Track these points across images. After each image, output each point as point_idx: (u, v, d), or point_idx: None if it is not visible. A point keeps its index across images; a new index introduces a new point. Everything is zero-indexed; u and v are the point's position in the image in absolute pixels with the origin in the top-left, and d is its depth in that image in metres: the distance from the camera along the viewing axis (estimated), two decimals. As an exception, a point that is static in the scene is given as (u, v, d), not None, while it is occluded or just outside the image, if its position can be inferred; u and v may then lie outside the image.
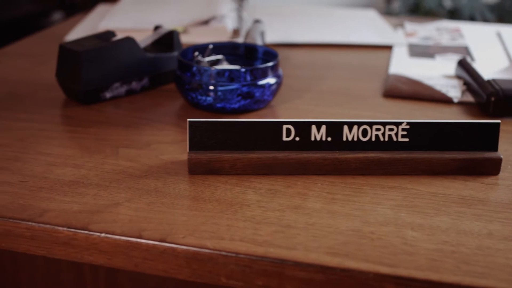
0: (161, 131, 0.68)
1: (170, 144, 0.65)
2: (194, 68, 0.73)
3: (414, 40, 1.10)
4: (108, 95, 0.75)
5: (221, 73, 0.71)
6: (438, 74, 0.89)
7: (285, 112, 0.76)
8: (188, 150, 0.58)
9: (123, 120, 0.71)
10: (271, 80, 0.74)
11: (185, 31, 1.02)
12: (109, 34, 0.79)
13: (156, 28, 0.84)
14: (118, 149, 0.63)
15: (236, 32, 1.04)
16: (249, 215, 0.52)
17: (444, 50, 1.03)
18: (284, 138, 0.59)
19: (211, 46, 0.78)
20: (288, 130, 0.59)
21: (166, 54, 0.80)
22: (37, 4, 1.94)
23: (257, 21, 0.96)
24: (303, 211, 0.53)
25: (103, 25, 1.03)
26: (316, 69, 0.93)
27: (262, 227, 0.50)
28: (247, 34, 0.91)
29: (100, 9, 1.24)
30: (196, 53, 0.76)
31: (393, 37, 1.09)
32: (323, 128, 0.59)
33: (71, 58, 0.72)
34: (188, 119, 0.57)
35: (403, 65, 0.94)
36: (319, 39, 1.05)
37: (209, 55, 0.78)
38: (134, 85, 0.78)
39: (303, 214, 0.52)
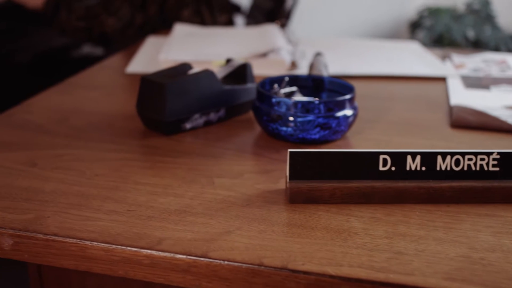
0: (248, 161, 0.70)
1: (261, 174, 0.66)
2: (274, 100, 0.75)
3: (464, 71, 1.12)
4: (188, 125, 0.77)
5: (302, 104, 0.73)
6: (499, 105, 0.91)
7: (362, 142, 0.77)
8: (288, 179, 0.60)
9: (207, 150, 0.73)
10: (348, 112, 0.76)
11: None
12: (186, 66, 0.81)
13: (228, 61, 0.86)
14: (212, 178, 0.65)
15: (293, 65, 1.06)
16: (360, 242, 0.53)
17: (497, 81, 1.05)
18: (381, 168, 0.60)
19: (287, 79, 0.80)
20: (385, 160, 0.60)
21: (241, 86, 0.82)
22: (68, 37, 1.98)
23: (318, 54, 0.98)
24: (410, 238, 0.54)
25: (163, 57, 1.06)
26: (379, 100, 0.94)
27: (375, 254, 0.51)
28: (312, 66, 0.93)
29: (151, 41, 1.26)
30: (276, 85, 0.78)
31: (445, 69, 1.11)
32: (418, 158, 0.61)
33: (155, 90, 0.74)
34: (289, 150, 0.59)
35: (461, 96, 0.96)
36: (375, 71, 1.07)
37: (284, 87, 0.80)
38: (212, 116, 0.79)
39: (411, 241, 0.53)
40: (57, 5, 1.67)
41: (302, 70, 1.07)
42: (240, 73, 0.84)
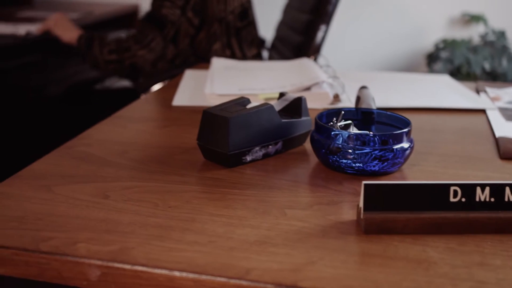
0: (314, 193, 0.72)
1: (329, 205, 0.68)
2: (333, 132, 0.77)
3: (500, 104, 1.14)
4: (248, 158, 0.79)
5: (361, 137, 0.75)
6: (543, 136, 0.93)
7: (419, 174, 0.79)
8: (362, 210, 0.61)
9: (270, 182, 0.75)
10: (405, 144, 0.77)
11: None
12: (245, 100, 0.83)
13: (282, 94, 0.88)
14: (283, 210, 0.66)
15: (336, 98, 1.08)
16: (441, 272, 0.54)
17: (535, 113, 1.07)
18: (451, 199, 0.62)
19: (343, 112, 0.82)
20: (455, 192, 0.62)
21: (297, 119, 0.84)
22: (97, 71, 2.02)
23: (364, 87, 1.00)
24: (488, 267, 0.55)
25: (209, 91, 1.08)
26: (425, 133, 0.96)
27: (459, 283, 0.52)
28: (360, 100, 0.95)
29: (189, 74, 1.29)
30: (334, 119, 0.80)
31: (483, 101, 1.13)
32: (487, 189, 0.62)
33: (218, 123, 0.76)
34: (364, 182, 0.61)
35: (504, 128, 0.98)
36: (417, 103, 1.09)
37: (340, 120, 0.82)
38: (270, 148, 0.81)
39: (489, 270, 0.55)
40: (91, 39, 1.70)
41: (345, 103, 1.09)
42: (295, 106, 0.86)
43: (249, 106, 0.82)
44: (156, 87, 1.60)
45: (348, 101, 1.10)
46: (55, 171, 0.77)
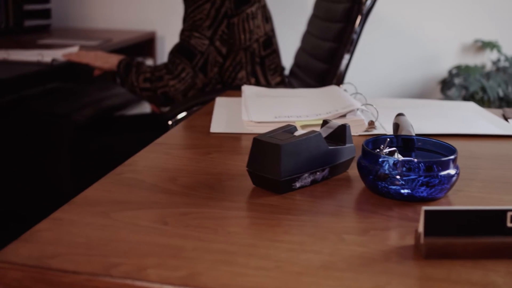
0: (367, 218, 0.73)
1: (385, 231, 0.70)
2: (381, 159, 0.78)
3: (530, 130, 1.16)
4: (298, 184, 0.81)
5: (408, 163, 0.77)
6: None
7: (465, 199, 0.80)
8: (423, 236, 0.63)
9: (322, 208, 0.76)
10: (452, 171, 0.79)
11: (324, 123, 1.08)
12: (292, 128, 0.85)
13: (325, 122, 0.90)
14: (341, 235, 0.68)
15: (371, 124, 1.10)
16: (508, 297, 0.56)
17: None
18: (509, 224, 0.64)
19: (388, 139, 0.84)
20: (512, 217, 0.64)
21: (343, 146, 0.86)
22: (122, 98, 2.05)
23: (400, 114, 1.02)
24: (552, 292, 0.57)
25: (246, 118, 1.10)
26: (463, 159, 0.98)
27: (527, 308, 0.54)
28: (399, 127, 0.97)
29: (220, 102, 1.31)
30: (382, 146, 0.82)
31: (512, 127, 1.15)
32: (543, 214, 0.64)
33: (270, 150, 0.78)
34: (424, 208, 0.62)
35: (539, 154, 1.00)
36: (450, 130, 1.11)
37: (385, 147, 0.84)
38: (318, 175, 0.83)
39: (554, 295, 0.56)
40: (129, 65, 1.73)
41: (379, 130, 1.11)
42: (339, 133, 0.88)
43: (296, 133, 0.84)
44: (183, 114, 1.63)
45: (381, 128, 1.12)
46: (109, 198, 0.78)
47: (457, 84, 2.55)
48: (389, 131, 1.11)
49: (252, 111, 1.14)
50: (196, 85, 1.69)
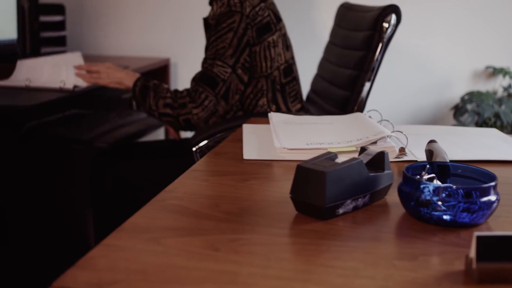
0: (414, 244, 0.74)
1: (433, 256, 0.71)
2: (423, 185, 0.80)
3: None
4: (341, 211, 0.82)
5: (449, 189, 0.78)
6: None
7: (509, 225, 0.82)
8: (475, 261, 0.64)
9: (366, 233, 0.78)
10: (492, 197, 0.81)
11: (356, 151, 1.10)
12: (333, 155, 0.87)
13: (363, 149, 0.92)
14: (391, 261, 0.69)
15: (401, 151, 1.12)
16: None
17: None
18: (558, 250, 0.65)
19: (428, 166, 0.86)
20: (562, 242, 0.65)
21: (383, 173, 0.87)
22: (142, 124, 2.07)
23: (433, 141, 1.04)
24: None
25: (278, 145, 1.12)
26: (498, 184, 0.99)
27: None
28: (433, 153, 0.98)
29: (247, 129, 1.33)
30: (422, 172, 0.84)
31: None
32: None
33: (314, 177, 0.80)
34: (476, 234, 0.64)
35: None
36: (481, 156, 1.13)
37: (425, 174, 0.85)
38: (359, 201, 0.84)
39: None
40: (146, 88, 1.75)
41: (409, 156, 1.13)
42: (378, 160, 0.89)
43: (338, 160, 0.86)
44: (205, 142, 1.65)
45: (411, 155, 1.14)
46: (157, 224, 0.80)
47: (470, 110, 2.57)
48: (419, 157, 1.12)
49: (283, 138, 1.16)
50: (218, 112, 1.71)
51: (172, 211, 0.85)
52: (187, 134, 2.06)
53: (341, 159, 0.86)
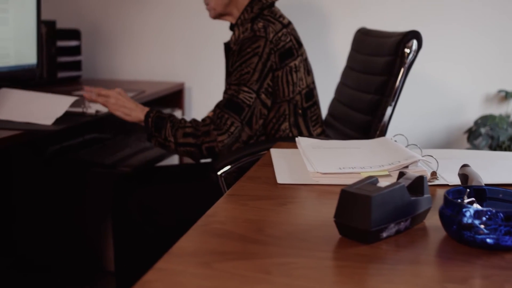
0: (461, 267, 0.76)
1: (482, 279, 0.73)
2: (465, 209, 0.81)
3: None
4: (384, 234, 0.84)
5: (490, 213, 0.80)
6: None
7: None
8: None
9: (412, 257, 0.79)
10: (534, 220, 0.82)
11: (389, 175, 1.12)
12: (375, 180, 0.88)
13: (402, 174, 0.94)
14: (443, 284, 0.71)
15: (433, 175, 1.13)
16: None
17: None
18: None
19: (468, 190, 0.88)
20: None
21: (421, 197, 0.89)
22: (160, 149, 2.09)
23: (466, 165, 1.06)
24: None
25: (312, 170, 1.14)
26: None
27: None
28: (468, 177, 1.00)
29: (275, 153, 1.35)
30: (465, 196, 0.86)
31: None
32: None
33: (360, 201, 0.82)
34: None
35: None
36: (509, 179, 1.14)
37: (465, 197, 0.87)
38: (402, 225, 0.86)
39: None
40: (162, 119, 1.74)
41: (440, 180, 1.14)
42: (417, 184, 0.91)
43: (379, 184, 0.87)
44: (229, 167, 1.66)
45: (442, 179, 1.16)
46: (205, 248, 0.81)
47: (484, 134, 2.59)
48: (450, 181, 1.14)
49: (315, 162, 1.18)
50: (241, 138, 1.73)
51: (217, 235, 0.86)
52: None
53: (382, 183, 0.88)
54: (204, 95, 2.95)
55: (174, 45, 3.01)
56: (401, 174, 0.95)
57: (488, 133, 2.58)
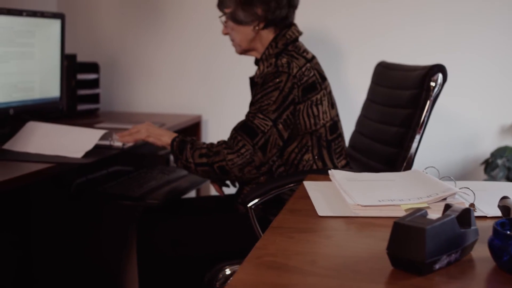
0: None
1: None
2: (514, 241, 0.84)
3: None
4: (437, 266, 0.85)
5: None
6: None
7: None
8: None
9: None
10: None
11: (428, 207, 1.14)
12: (423, 212, 0.91)
13: (448, 206, 0.96)
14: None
15: (472, 207, 1.15)
16: None
17: None
18: None
19: (515, 221, 0.90)
20: None
21: (469, 229, 0.91)
22: (187, 181, 2.12)
23: (506, 197, 1.08)
24: None
25: (352, 202, 1.16)
26: None
27: None
28: (510, 209, 1.02)
29: (310, 186, 1.37)
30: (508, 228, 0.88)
31: None
32: None
33: (414, 234, 0.84)
34: None
35: None
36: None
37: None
38: (452, 256, 0.88)
39: None
40: (184, 142, 1.80)
41: (478, 212, 1.16)
42: (464, 217, 0.93)
43: (430, 217, 0.89)
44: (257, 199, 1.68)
45: (479, 210, 1.17)
46: (263, 281, 0.83)
47: (501, 165, 2.62)
48: (488, 213, 1.16)
49: (354, 195, 1.20)
50: (254, 162, 1.75)
51: (272, 268, 0.88)
52: (230, 190, 2.09)
53: (432, 215, 0.90)
54: (221, 128, 2.98)
55: (191, 78, 3.05)
56: (447, 207, 0.97)
57: (505, 164, 2.60)
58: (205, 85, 3.04)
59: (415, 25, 2.78)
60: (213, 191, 2.58)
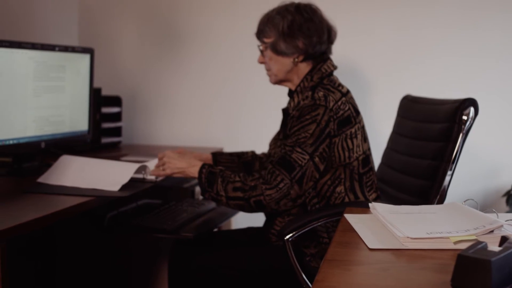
0: None
1: None
2: None
3: None
4: (502, 298, 0.87)
5: None
6: None
7: None
8: None
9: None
10: None
11: (476, 240, 1.16)
12: (483, 244, 0.93)
13: (505, 238, 0.98)
14: None
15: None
16: None
17: None
18: None
19: None
20: None
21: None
22: (217, 212, 2.14)
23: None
24: None
25: (401, 235, 1.18)
26: None
27: None
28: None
29: (352, 219, 1.39)
30: None
31: None
32: None
33: (479, 266, 0.86)
34: None
35: None
36: None
37: None
38: None
39: None
40: (213, 174, 1.81)
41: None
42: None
43: (492, 249, 0.91)
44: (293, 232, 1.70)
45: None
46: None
47: (522, 196, 2.64)
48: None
49: (401, 228, 1.22)
50: (290, 195, 1.77)
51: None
52: (258, 222, 2.11)
53: (493, 248, 0.92)
54: (242, 160, 3.01)
55: (212, 111, 3.10)
56: (504, 239, 0.99)
57: (527, 197, 2.63)
58: (226, 118, 3.08)
59: (434, 58, 2.83)
60: (244, 223, 2.58)
